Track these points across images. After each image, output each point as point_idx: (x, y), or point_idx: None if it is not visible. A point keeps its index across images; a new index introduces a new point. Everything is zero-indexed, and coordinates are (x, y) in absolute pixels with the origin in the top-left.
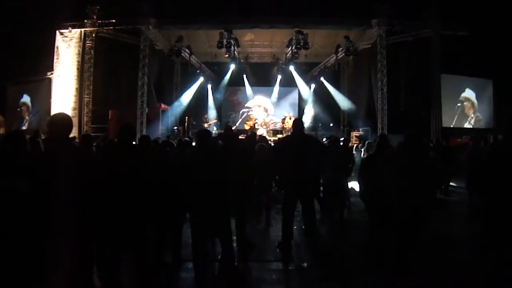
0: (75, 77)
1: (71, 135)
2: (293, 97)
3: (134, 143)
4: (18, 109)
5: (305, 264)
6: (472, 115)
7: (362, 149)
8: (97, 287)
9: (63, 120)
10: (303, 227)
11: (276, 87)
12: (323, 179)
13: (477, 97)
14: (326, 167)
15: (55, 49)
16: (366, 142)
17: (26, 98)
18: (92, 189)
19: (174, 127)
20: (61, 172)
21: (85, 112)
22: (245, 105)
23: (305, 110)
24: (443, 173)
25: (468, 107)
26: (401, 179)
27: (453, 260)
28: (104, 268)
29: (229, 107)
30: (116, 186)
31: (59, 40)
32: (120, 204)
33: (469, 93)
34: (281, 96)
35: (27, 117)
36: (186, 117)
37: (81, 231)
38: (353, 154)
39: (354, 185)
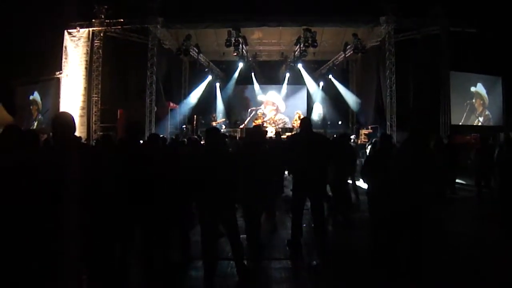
0: (84, 77)
1: (78, 135)
2: (302, 95)
3: (141, 141)
4: (31, 107)
5: (315, 262)
6: (482, 112)
7: (369, 147)
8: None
9: (65, 119)
10: (312, 225)
11: (285, 85)
12: (328, 177)
13: (487, 94)
14: (331, 165)
15: (64, 49)
16: (373, 140)
17: (36, 96)
18: (98, 186)
19: (182, 125)
20: (65, 170)
21: (93, 112)
22: (258, 100)
23: (313, 108)
24: (448, 171)
25: (479, 103)
26: (406, 175)
27: (462, 259)
28: (112, 267)
29: (238, 105)
30: (124, 183)
31: (67, 40)
32: (128, 202)
33: (480, 88)
34: (289, 94)
35: (38, 117)
36: (195, 116)
37: (87, 229)
38: (356, 151)
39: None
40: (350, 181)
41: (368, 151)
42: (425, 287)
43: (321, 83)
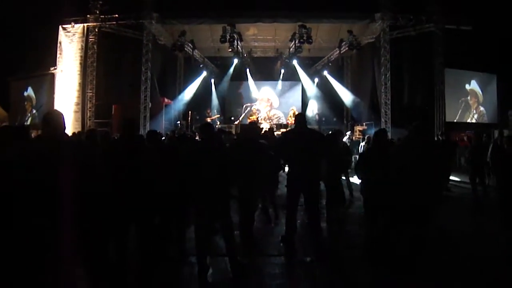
0: (78, 72)
1: (75, 131)
2: (297, 91)
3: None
4: (25, 103)
5: (309, 258)
6: (476, 109)
7: (362, 143)
8: (99, 279)
9: (54, 118)
10: (306, 221)
11: (280, 82)
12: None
13: (482, 92)
14: (325, 161)
15: (58, 44)
16: (366, 136)
17: (30, 91)
18: (90, 183)
19: (177, 121)
20: (55, 167)
21: (88, 107)
22: (252, 96)
23: (308, 105)
24: (445, 168)
25: (473, 100)
26: (408, 174)
27: (459, 255)
28: (107, 262)
29: (232, 101)
30: (119, 180)
31: (62, 35)
32: (123, 198)
33: (474, 85)
34: (284, 91)
35: (32, 112)
36: (189, 112)
37: (83, 225)
38: (350, 148)
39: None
40: (343, 178)
41: (362, 147)
42: (421, 285)
43: (316, 80)
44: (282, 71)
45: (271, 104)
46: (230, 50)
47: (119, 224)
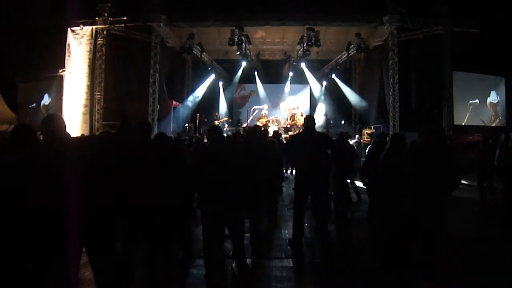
0: (87, 75)
1: (83, 132)
2: (305, 94)
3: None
4: (33, 105)
5: (316, 261)
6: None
7: (368, 147)
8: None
9: (54, 120)
10: (314, 224)
11: (288, 84)
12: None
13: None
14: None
15: (67, 47)
16: (372, 140)
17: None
18: (92, 185)
19: (185, 124)
20: (57, 171)
21: (96, 109)
22: (261, 100)
23: (316, 107)
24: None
25: (494, 108)
26: (424, 175)
27: (465, 258)
28: (115, 263)
29: (240, 104)
30: (127, 180)
31: (70, 37)
32: (131, 200)
33: (494, 97)
34: (292, 93)
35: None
36: (197, 114)
37: (92, 226)
38: (356, 151)
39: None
40: (348, 181)
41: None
42: (430, 286)
43: (324, 83)
44: (290, 74)
45: (279, 107)
46: (238, 53)
47: (125, 225)
